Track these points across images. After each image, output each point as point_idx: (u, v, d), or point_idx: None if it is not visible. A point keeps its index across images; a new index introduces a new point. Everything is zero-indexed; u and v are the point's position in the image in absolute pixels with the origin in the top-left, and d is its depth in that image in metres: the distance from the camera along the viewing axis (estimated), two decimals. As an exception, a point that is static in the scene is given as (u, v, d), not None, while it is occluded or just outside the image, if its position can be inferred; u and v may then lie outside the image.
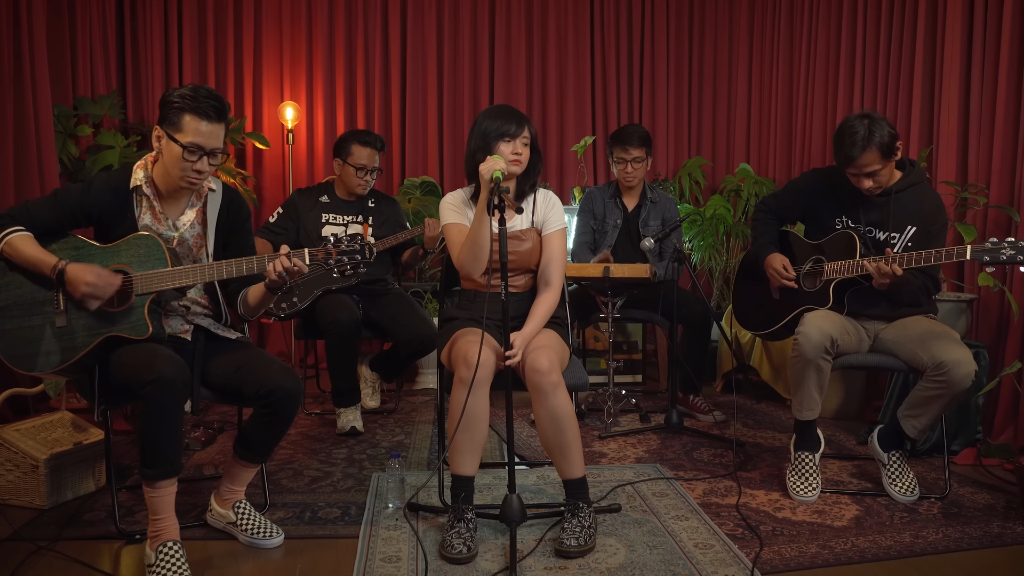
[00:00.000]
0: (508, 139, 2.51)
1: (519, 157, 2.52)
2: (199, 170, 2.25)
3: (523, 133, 2.53)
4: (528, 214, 2.62)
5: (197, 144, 2.21)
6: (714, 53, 5.39)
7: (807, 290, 2.93)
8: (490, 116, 2.54)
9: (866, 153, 2.65)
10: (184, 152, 2.22)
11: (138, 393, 2.13)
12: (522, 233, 2.59)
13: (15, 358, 2.27)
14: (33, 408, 3.24)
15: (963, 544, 2.39)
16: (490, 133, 2.51)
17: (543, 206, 2.63)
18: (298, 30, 4.95)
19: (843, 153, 2.69)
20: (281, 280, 2.24)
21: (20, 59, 3.57)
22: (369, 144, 3.70)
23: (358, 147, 3.68)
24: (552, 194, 2.68)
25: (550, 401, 2.33)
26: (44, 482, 2.62)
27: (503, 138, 2.51)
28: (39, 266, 2.23)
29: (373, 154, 3.71)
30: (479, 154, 2.51)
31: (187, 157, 2.23)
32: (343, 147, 3.71)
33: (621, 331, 4.44)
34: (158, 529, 2.16)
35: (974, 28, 3.49)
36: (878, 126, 2.64)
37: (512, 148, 2.51)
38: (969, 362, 2.53)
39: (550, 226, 2.61)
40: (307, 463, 3.15)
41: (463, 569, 2.22)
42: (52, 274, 2.20)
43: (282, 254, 2.21)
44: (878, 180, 2.72)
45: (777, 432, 3.59)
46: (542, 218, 2.62)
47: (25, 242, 2.25)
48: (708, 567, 2.22)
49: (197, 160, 2.23)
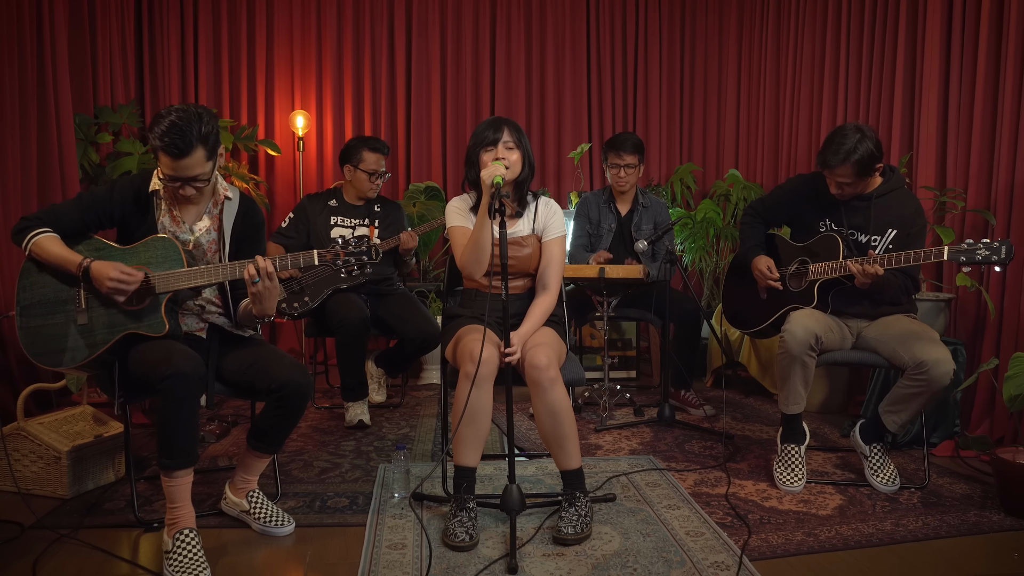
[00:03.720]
0: (488, 147, 2.49)
1: (503, 162, 2.47)
2: (183, 194, 2.29)
3: (503, 138, 2.48)
4: (529, 221, 2.61)
5: (173, 176, 2.24)
6: (704, 64, 5.39)
7: (793, 290, 2.93)
8: (476, 130, 2.54)
9: (842, 167, 2.68)
10: (164, 180, 2.26)
11: (156, 387, 2.13)
12: (523, 239, 2.58)
13: (39, 354, 2.27)
14: (56, 403, 3.24)
15: (942, 532, 2.39)
16: (474, 148, 2.51)
17: (544, 213, 2.61)
18: (308, 42, 4.95)
19: (824, 156, 2.72)
20: (256, 286, 2.23)
21: (43, 70, 3.57)
22: (378, 150, 3.72)
23: (368, 153, 3.69)
24: (553, 202, 2.66)
25: (548, 396, 2.33)
26: (66, 473, 2.63)
27: (483, 147, 2.49)
28: (65, 264, 2.24)
29: (381, 158, 3.73)
30: (467, 168, 2.54)
31: (168, 185, 2.28)
32: (352, 154, 3.72)
33: (616, 329, 4.44)
34: (175, 517, 2.17)
35: (952, 40, 3.49)
36: (864, 145, 2.64)
37: (492, 155, 2.48)
38: (948, 361, 2.53)
39: (550, 233, 2.60)
40: (317, 455, 3.15)
41: (465, 556, 2.22)
42: (78, 271, 2.22)
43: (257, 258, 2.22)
44: (844, 191, 2.76)
45: (764, 425, 3.59)
46: (543, 225, 2.60)
47: (52, 242, 2.27)
48: (699, 554, 2.22)
49: (179, 187, 2.26)
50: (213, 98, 4.83)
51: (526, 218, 2.61)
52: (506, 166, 2.43)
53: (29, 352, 2.28)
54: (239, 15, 4.84)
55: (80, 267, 2.22)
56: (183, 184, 2.24)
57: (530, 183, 2.62)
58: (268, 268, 2.20)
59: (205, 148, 2.21)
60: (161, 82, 4.69)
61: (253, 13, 4.87)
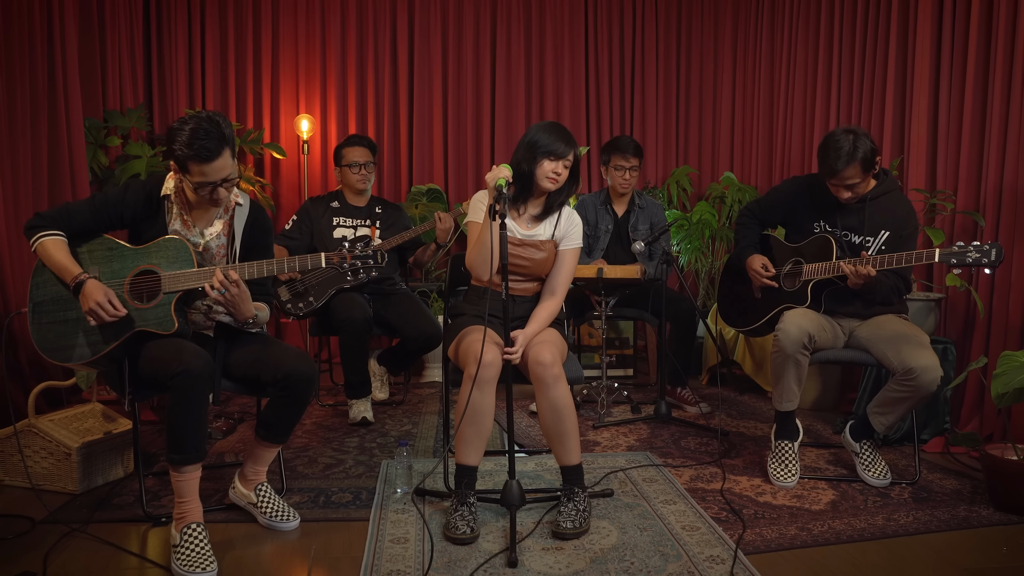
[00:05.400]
0: (553, 158, 2.44)
1: (557, 177, 2.46)
2: (217, 198, 2.27)
3: (568, 156, 2.46)
4: (551, 227, 2.57)
5: (206, 182, 2.22)
6: (700, 69, 5.39)
7: (787, 290, 2.93)
8: (543, 130, 2.47)
9: (849, 168, 2.65)
10: (198, 188, 2.24)
11: (166, 384, 2.13)
12: (540, 243, 2.55)
13: (51, 350, 2.28)
14: (66, 400, 3.24)
15: (932, 526, 2.39)
16: (538, 147, 2.45)
17: (565, 223, 2.58)
18: (312, 48, 4.95)
19: (827, 165, 2.68)
20: (222, 296, 2.22)
21: (54, 75, 3.57)
22: (358, 143, 3.78)
23: (349, 148, 3.77)
24: (576, 214, 2.61)
25: (551, 392, 2.33)
26: (76, 469, 2.63)
27: (549, 156, 2.44)
28: (62, 273, 2.24)
29: (364, 151, 3.77)
30: (524, 164, 2.47)
31: (201, 192, 2.25)
32: (338, 155, 3.81)
33: (614, 328, 4.44)
34: (183, 511, 2.17)
35: (942, 46, 3.49)
36: (862, 142, 2.65)
37: (554, 167, 2.45)
38: (935, 368, 2.53)
39: (568, 243, 2.57)
40: (321, 451, 3.15)
41: (466, 549, 2.22)
42: (71, 283, 2.22)
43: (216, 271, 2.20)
44: (856, 191, 2.73)
45: (759, 422, 3.59)
46: (563, 233, 2.57)
47: (57, 247, 2.26)
48: (695, 548, 2.22)
49: (211, 192, 2.25)
50: (220, 102, 4.84)
51: (547, 223, 2.58)
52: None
53: (41, 348, 2.28)
54: (245, 21, 4.85)
55: (75, 280, 2.21)
56: (215, 188, 2.23)
57: (566, 196, 2.57)
58: (233, 276, 2.20)
59: (231, 149, 2.22)
60: (169, 87, 4.70)
61: (259, 19, 4.87)
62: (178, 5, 4.70)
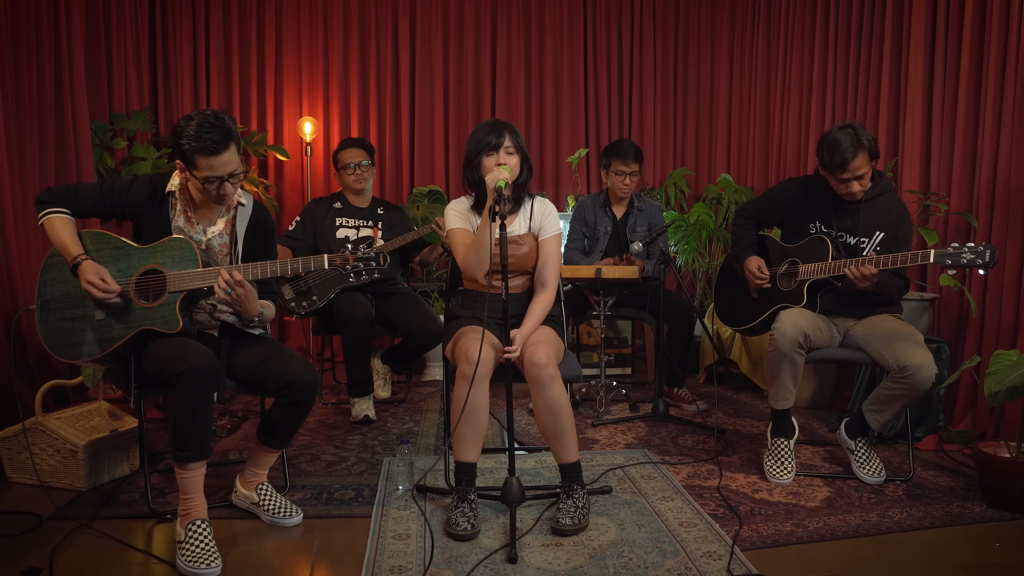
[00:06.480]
0: (490, 152, 2.47)
1: (507, 166, 2.46)
2: (223, 193, 2.27)
3: (504, 143, 2.47)
4: (526, 220, 2.59)
5: (213, 176, 2.22)
6: (697, 72, 5.40)
7: (783, 289, 2.93)
8: (476, 132, 2.51)
9: (859, 156, 2.64)
10: (204, 184, 2.24)
11: (171, 383, 2.13)
12: (520, 238, 2.57)
13: (59, 347, 2.28)
14: (72, 398, 3.24)
15: (926, 523, 2.39)
16: (473, 150, 2.49)
17: (539, 213, 2.60)
18: (316, 51, 4.95)
19: (837, 159, 2.65)
20: (228, 296, 2.23)
21: (60, 78, 3.58)
22: (350, 145, 3.79)
23: (342, 152, 3.79)
24: (548, 202, 2.64)
25: (547, 392, 2.33)
26: (83, 466, 2.63)
27: (486, 151, 2.47)
28: (64, 251, 2.27)
29: (357, 151, 3.77)
30: (466, 171, 2.53)
31: (208, 188, 2.25)
32: (335, 160, 3.83)
33: (612, 328, 4.44)
34: (188, 508, 2.17)
35: (936, 48, 3.49)
36: (862, 132, 2.65)
37: (495, 160, 2.47)
38: (930, 366, 2.53)
39: (546, 232, 2.58)
40: (324, 448, 3.15)
41: (467, 545, 2.22)
42: (71, 263, 2.24)
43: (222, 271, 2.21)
44: (864, 183, 2.71)
45: (755, 420, 3.59)
46: (539, 224, 2.59)
47: (63, 224, 2.28)
48: (692, 544, 2.22)
49: (218, 187, 2.25)
50: (224, 105, 4.84)
51: (522, 217, 2.59)
52: (510, 171, 2.42)
53: (48, 345, 2.29)
54: (249, 25, 4.85)
55: (73, 260, 2.24)
56: (222, 182, 2.23)
57: (528, 184, 2.61)
58: (237, 276, 2.21)
59: (236, 144, 2.23)
60: (174, 90, 4.70)
61: (263, 23, 4.88)
62: (183, 9, 4.71)
